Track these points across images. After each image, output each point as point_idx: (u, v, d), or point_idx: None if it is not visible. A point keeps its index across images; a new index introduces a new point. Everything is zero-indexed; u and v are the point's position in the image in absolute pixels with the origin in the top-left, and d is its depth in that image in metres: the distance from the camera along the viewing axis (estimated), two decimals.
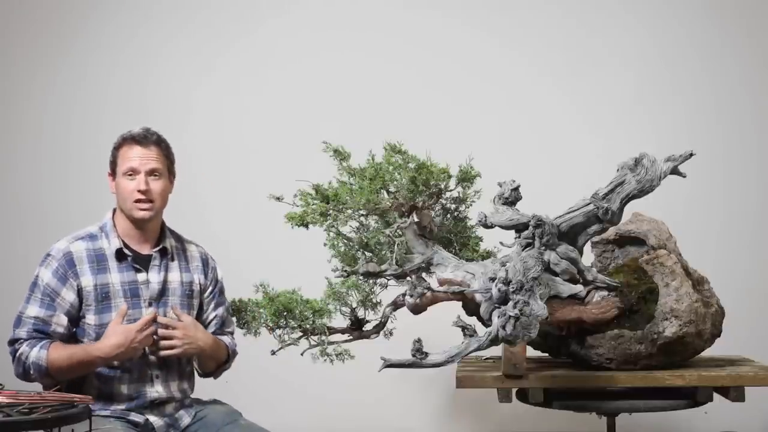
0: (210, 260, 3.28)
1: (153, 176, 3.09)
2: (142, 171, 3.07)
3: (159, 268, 3.12)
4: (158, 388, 3.07)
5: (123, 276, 3.07)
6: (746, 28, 4.56)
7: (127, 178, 3.08)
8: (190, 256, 3.22)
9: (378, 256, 3.20)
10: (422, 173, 3.09)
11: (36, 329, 3.00)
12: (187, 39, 4.71)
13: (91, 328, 3.02)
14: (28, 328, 3.00)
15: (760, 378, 3.29)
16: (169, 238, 3.18)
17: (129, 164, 3.08)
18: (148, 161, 3.09)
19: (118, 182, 3.11)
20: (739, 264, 4.43)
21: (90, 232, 3.12)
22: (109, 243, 3.09)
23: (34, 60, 4.74)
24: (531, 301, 2.82)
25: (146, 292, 3.08)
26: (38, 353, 2.95)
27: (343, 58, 4.63)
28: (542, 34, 4.61)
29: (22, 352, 2.98)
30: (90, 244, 3.09)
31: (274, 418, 3.47)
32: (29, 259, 3.20)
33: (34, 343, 2.97)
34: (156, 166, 3.10)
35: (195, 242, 3.28)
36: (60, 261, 3.04)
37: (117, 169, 3.11)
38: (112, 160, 3.14)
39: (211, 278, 3.24)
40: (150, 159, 3.09)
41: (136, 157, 3.08)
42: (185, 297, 3.15)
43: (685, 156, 3.21)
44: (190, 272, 3.19)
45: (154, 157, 3.10)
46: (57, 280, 3.03)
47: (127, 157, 3.09)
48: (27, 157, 4.72)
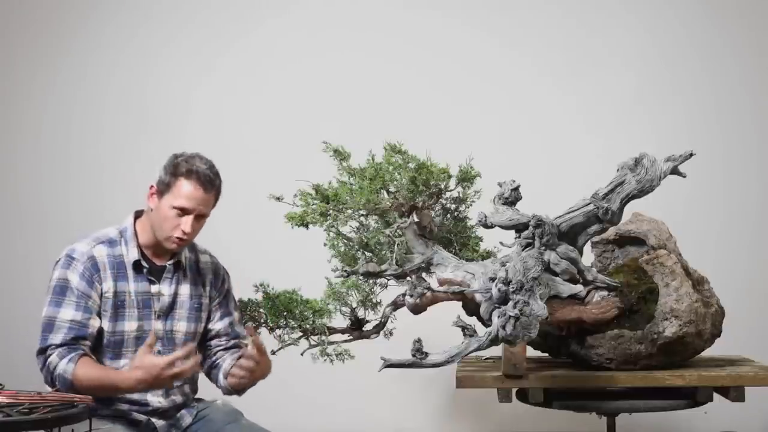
0: (222, 271, 3.21)
1: (198, 219, 3.00)
2: (193, 214, 2.98)
3: (171, 280, 3.07)
4: (160, 398, 3.05)
5: (138, 286, 3.02)
6: (746, 28, 4.57)
7: (175, 211, 2.96)
8: (203, 268, 3.17)
9: (378, 256, 3.20)
10: (422, 173, 3.09)
11: (73, 334, 2.91)
12: (187, 39, 4.71)
13: (103, 335, 2.99)
14: (63, 333, 2.91)
15: (760, 378, 3.29)
16: (185, 250, 3.13)
17: (183, 203, 2.96)
18: (203, 207, 2.99)
19: (162, 208, 2.97)
20: (739, 264, 4.43)
21: (109, 236, 3.05)
22: (128, 251, 3.03)
23: (34, 60, 4.74)
24: (531, 301, 2.82)
25: (157, 304, 3.04)
26: (66, 366, 2.87)
27: (343, 58, 4.63)
28: (542, 34, 4.62)
29: (51, 362, 2.89)
30: (110, 250, 3.02)
31: (274, 418, 3.47)
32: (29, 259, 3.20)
33: (64, 353, 2.89)
34: (206, 212, 3.01)
35: (209, 252, 3.22)
36: (86, 264, 2.97)
37: (167, 195, 2.97)
38: (166, 181, 2.98)
39: (219, 289, 3.20)
40: (203, 203, 2.99)
41: (194, 200, 2.96)
42: (193, 311, 3.11)
43: (685, 156, 3.21)
44: (201, 285, 3.14)
45: (208, 202, 3.00)
46: (85, 282, 2.95)
47: (184, 193, 2.96)
48: (27, 157, 4.72)
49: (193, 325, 3.09)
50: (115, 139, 4.69)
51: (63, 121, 4.71)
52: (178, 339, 3.08)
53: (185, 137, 4.44)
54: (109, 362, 3.00)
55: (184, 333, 3.09)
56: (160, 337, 3.05)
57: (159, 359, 2.83)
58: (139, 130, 4.66)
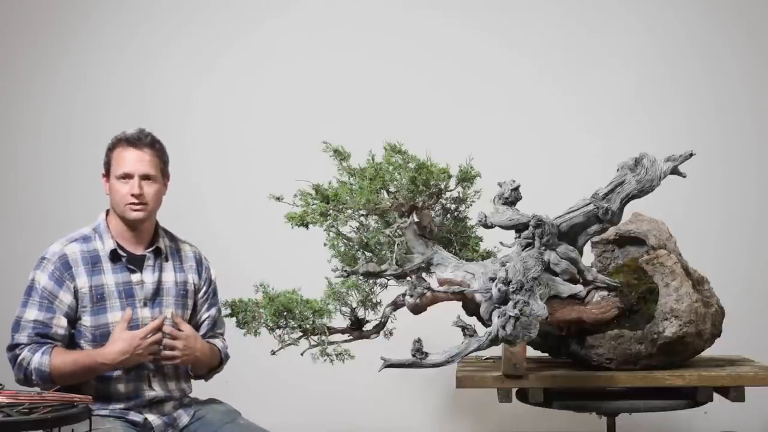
0: (204, 260, 3.28)
1: (146, 180, 3.08)
2: (135, 175, 3.06)
3: (153, 268, 3.12)
4: (156, 387, 3.07)
5: (117, 277, 3.07)
6: (746, 28, 4.56)
7: (121, 182, 3.07)
8: (184, 256, 3.22)
9: (378, 256, 3.19)
10: (422, 173, 3.09)
11: (37, 333, 2.98)
12: (187, 39, 4.71)
13: (87, 330, 3.02)
14: (28, 332, 2.98)
15: (760, 378, 3.29)
16: (163, 238, 3.18)
17: (123, 169, 3.07)
18: (142, 165, 3.07)
19: (112, 184, 3.09)
20: (739, 264, 4.43)
21: (83, 233, 3.12)
22: (103, 244, 3.09)
23: (34, 60, 4.74)
24: (531, 301, 2.82)
25: (141, 293, 3.08)
26: (41, 359, 2.93)
27: (343, 58, 4.63)
28: (542, 34, 4.61)
29: (24, 358, 2.96)
30: (84, 246, 3.08)
31: (273, 418, 3.47)
32: (29, 259, 3.20)
33: (36, 348, 2.96)
34: (149, 171, 3.08)
35: (189, 242, 3.28)
36: (56, 264, 3.04)
37: (111, 171, 3.10)
38: (106, 161, 3.13)
39: (205, 278, 3.24)
40: (143, 163, 3.08)
41: (130, 161, 3.07)
42: (180, 297, 3.15)
43: (685, 156, 3.21)
44: (184, 272, 3.19)
45: (148, 160, 3.09)
46: (54, 282, 3.02)
47: (120, 160, 3.08)
48: (27, 157, 4.72)
49: (180, 312, 3.13)
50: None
51: (63, 121, 4.71)
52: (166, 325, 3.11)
53: (185, 137, 4.45)
54: None
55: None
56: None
57: (137, 331, 2.95)
58: None
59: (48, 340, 2.99)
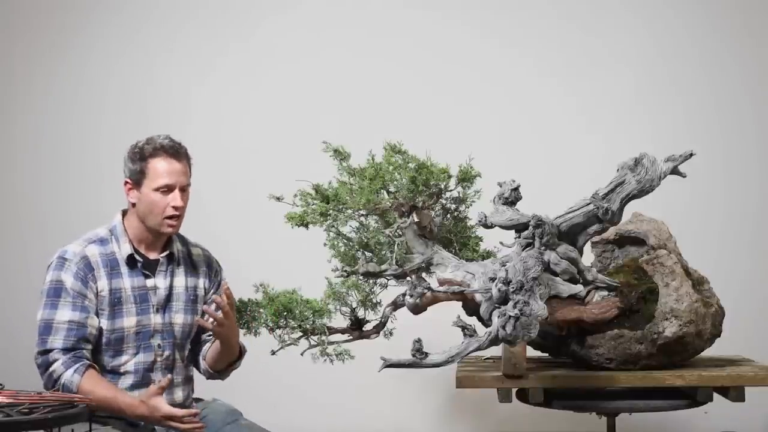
0: (214, 263, 3.25)
1: (183, 192, 3.04)
2: (177, 187, 3.01)
3: (166, 273, 3.09)
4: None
5: (134, 281, 3.04)
6: (746, 28, 4.56)
7: (158, 194, 2.99)
8: (196, 260, 3.20)
9: (378, 256, 3.19)
10: (422, 173, 3.09)
11: (73, 334, 2.92)
12: (187, 39, 4.71)
13: (102, 334, 2.99)
14: (63, 334, 2.91)
15: (760, 378, 3.29)
16: (176, 243, 3.15)
17: (163, 180, 2.99)
18: (183, 177, 3.03)
19: (145, 195, 3.00)
20: (739, 264, 4.43)
21: (100, 236, 3.07)
22: (120, 248, 3.05)
23: (34, 60, 4.74)
24: (531, 301, 2.82)
25: (154, 298, 3.06)
26: (71, 377, 2.88)
27: (343, 57, 4.63)
28: (542, 34, 4.61)
29: (55, 370, 2.89)
30: (102, 249, 3.03)
31: (274, 418, 3.47)
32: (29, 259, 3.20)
33: (70, 363, 2.89)
34: (187, 182, 3.05)
35: (200, 245, 3.26)
36: (79, 264, 2.98)
37: (145, 182, 3.00)
38: (137, 170, 3.01)
39: (214, 281, 3.23)
40: (184, 174, 3.03)
41: (172, 173, 3.00)
42: (189, 302, 3.14)
43: (685, 156, 3.21)
44: (195, 277, 3.17)
45: (186, 171, 3.05)
46: (80, 282, 2.96)
47: (160, 171, 2.99)
48: (27, 158, 4.72)
49: (190, 317, 3.12)
50: (115, 139, 4.67)
51: (63, 121, 4.71)
52: (176, 331, 3.10)
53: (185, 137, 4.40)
54: (110, 360, 3.01)
55: (182, 325, 3.12)
56: (159, 330, 3.06)
57: (164, 407, 2.87)
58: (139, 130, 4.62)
59: (83, 346, 2.93)
